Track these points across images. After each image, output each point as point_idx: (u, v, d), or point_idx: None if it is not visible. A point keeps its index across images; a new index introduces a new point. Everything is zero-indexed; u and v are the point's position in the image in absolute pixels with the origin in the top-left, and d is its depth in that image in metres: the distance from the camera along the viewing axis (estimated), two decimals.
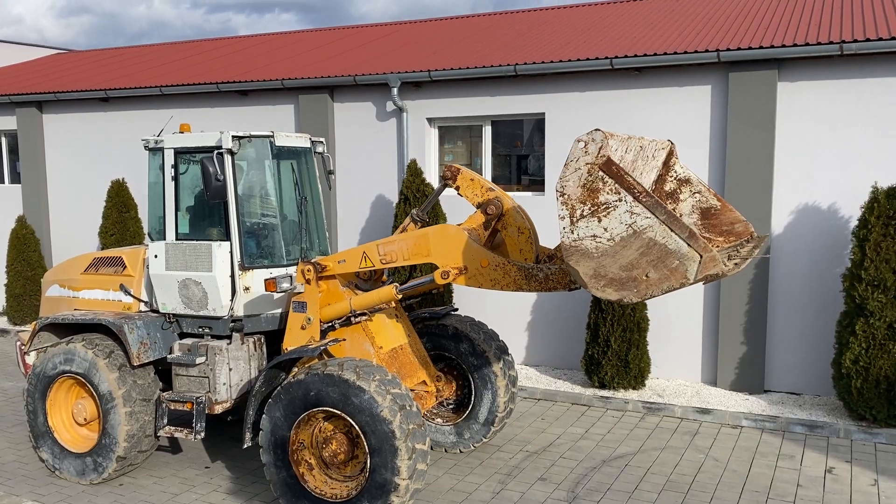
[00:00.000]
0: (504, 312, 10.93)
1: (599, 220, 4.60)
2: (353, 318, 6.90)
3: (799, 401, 9.16)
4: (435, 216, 10.57)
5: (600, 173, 4.55)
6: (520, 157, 11.49)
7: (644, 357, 9.52)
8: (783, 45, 8.88)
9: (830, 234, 9.15)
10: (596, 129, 4.64)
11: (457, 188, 7.20)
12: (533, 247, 6.65)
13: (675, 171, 5.56)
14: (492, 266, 6.15)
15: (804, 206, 9.24)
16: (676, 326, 10.00)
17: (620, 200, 4.53)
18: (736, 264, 5.14)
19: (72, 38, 69.84)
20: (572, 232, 4.72)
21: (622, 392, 9.51)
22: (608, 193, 4.57)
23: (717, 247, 5.88)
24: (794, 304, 9.41)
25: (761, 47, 8.96)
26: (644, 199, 4.49)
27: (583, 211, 4.66)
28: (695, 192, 5.68)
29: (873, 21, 9.41)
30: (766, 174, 9.24)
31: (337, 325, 6.96)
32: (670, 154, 5.22)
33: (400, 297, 6.80)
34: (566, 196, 4.71)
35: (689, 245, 4.43)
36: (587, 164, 4.61)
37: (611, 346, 9.39)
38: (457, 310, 8.29)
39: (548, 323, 10.79)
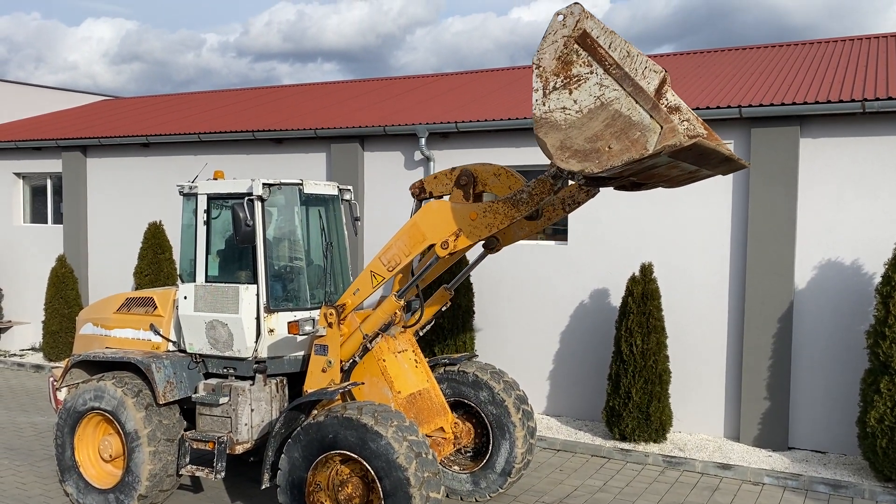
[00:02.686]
0: (525, 361, 10.97)
1: (570, 93, 4.76)
2: (368, 345, 7.01)
3: (824, 459, 9.00)
4: None
5: (575, 46, 4.72)
6: None
7: (666, 410, 9.47)
8: (805, 103, 8.99)
9: (854, 291, 9.10)
10: (575, 3, 4.78)
11: (430, 194, 7.35)
12: (519, 178, 6.78)
13: (667, 99, 5.62)
14: (480, 214, 6.25)
15: (827, 261, 9.22)
16: (699, 379, 9.94)
17: (592, 73, 4.69)
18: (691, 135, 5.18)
19: (122, 84, 72.50)
20: (544, 104, 4.86)
21: (643, 445, 9.44)
22: (581, 66, 4.73)
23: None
24: (819, 360, 9.32)
25: (783, 104, 9.08)
26: (614, 72, 4.64)
27: (555, 83, 4.80)
28: (683, 120, 5.75)
29: None
30: (789, 229, 9.26)
31: (357, 359, 7.07)
32: (664, 82, 5.33)
33: (402, 303, 6.88)
34: (542, 68, 4.85)
35: (651, 116, 4.56)
36: (564, 37, 4.78)
37: (632, 398, 9.36)
38: (476, 356, 8.37)
39: (569, 373, 10.79)
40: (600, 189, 6.49)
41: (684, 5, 60.90)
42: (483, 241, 7.19)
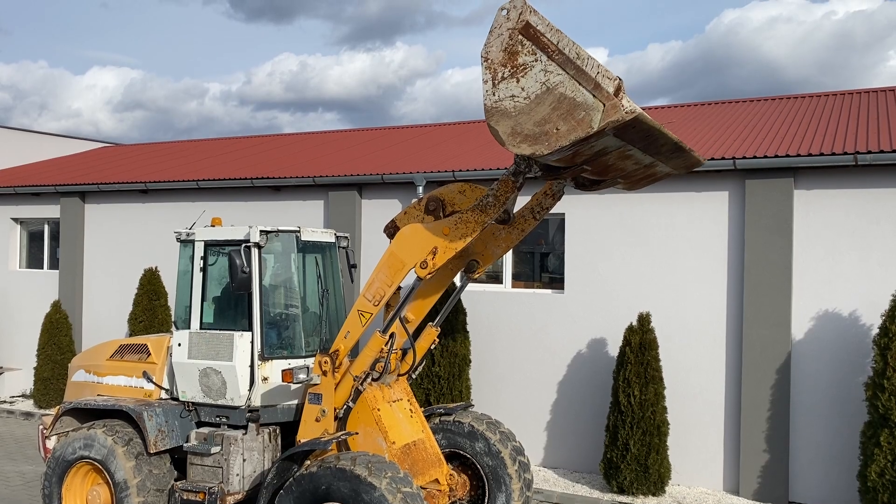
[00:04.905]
0: (522, 411, 10.85)
1: (518, 81, 4.99)
2: (360, 387, 6.92)
3: None
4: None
5: (520, 37, 4.97)
6: (542, 254, 11.68)
7: (664, 462, 9.34)
8: (798, 155, 9.10)
9: (852, 342, 9.07)
10: None
11: None
12: (483, 189, 6.85)
13: (623, 105, 5.77)
14: (452, 227, 6.31)
15: (824, 312, 9.21)
16: (697, 431, 9.83)
17: (536, 60, 4.93)
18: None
19: (125, 131, 73.27)
20: (493, 94, 5.07)
21: (641, 498, 9.28)
22: (526, 55, 4.97)
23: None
24: (818, 412, 9.24)
25: (776, 156, 9.19)
26: (556, 58, 4.87)
27: (503, 73, 5.03)
28: None
29: (888, 133, 9.63)
30: (785, 280, 9.27)
31: (351, 404, 6.98)
32: (618, 89, 5.45)
33: (387, 339, 6.83)
34: (490, 60, 5.08)
35: (594, 96, 4.75)
36: (509, 29, 5.02)
37: (630, 450, 9.23)
38: (472, 406, 8.28)
39: (566, 424, 10.66)
40: (564, 192, 6.61)
41: (679, 59, 62.18)
42: (464, 267, 7.18)
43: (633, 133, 4.89)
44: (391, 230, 7.40)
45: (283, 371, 7.00)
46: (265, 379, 7.24)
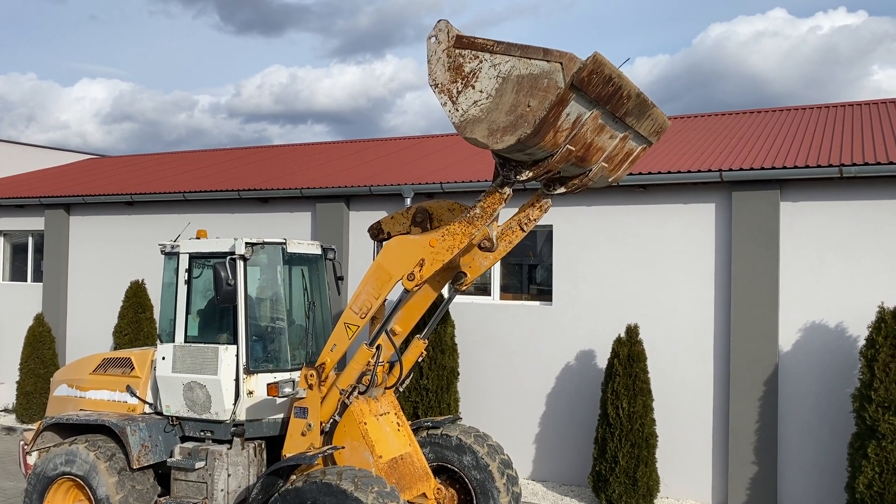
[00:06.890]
0: (510, 424, 10.80)
1: (473, 87, 5.13)
2: (346, 401, 6.85)
3: None
4: None
5: (457, 51, 5.16)
6: (530, 266, 11.66)
7: (653, 475, 9.30)
8: (784, 167, 9.15)
9: (839, 353, 9.09)
10: (439, 21, 5.20)
11: (388, 234, 7.34)
12: None
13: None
14: (439, 239, 6.29)
15: (811, 324, 9.24)
16: (686, 444, 9.81)
17: (482, 61, 5.10)
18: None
19: (113, 143, 72.83)
20: (457, 110, 5.18)
21: None
22: (470, 62, 5.15)
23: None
24: (805, 424, 9.24)
25: (763, 168, 9.24)
26: (498, 49, 5.04)
27: (457, 88, 5.17)
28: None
29: (872, 146, 9.70)
30: (772, 292, 9.29)
31: (337, 418, 6.91)
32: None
33: (373, 351, 6.77)
34: (440, 85, 5.22)
35: (548, 61, 4.86)
36: (444, 50, 5.21)
37: (619, 463, 9.19)
38: (460, 419, 8.22)
39: (555, 436, 10.62)
40: (551, 201, 6.62)
41: (666, 73, 62.70)
42: (451, 279, 7.13)
43: (597, 84, 4.98)
44: (376, 231, 7.40)
45: (268, 385, 6.93)
46: (250, 393, 7.16)
